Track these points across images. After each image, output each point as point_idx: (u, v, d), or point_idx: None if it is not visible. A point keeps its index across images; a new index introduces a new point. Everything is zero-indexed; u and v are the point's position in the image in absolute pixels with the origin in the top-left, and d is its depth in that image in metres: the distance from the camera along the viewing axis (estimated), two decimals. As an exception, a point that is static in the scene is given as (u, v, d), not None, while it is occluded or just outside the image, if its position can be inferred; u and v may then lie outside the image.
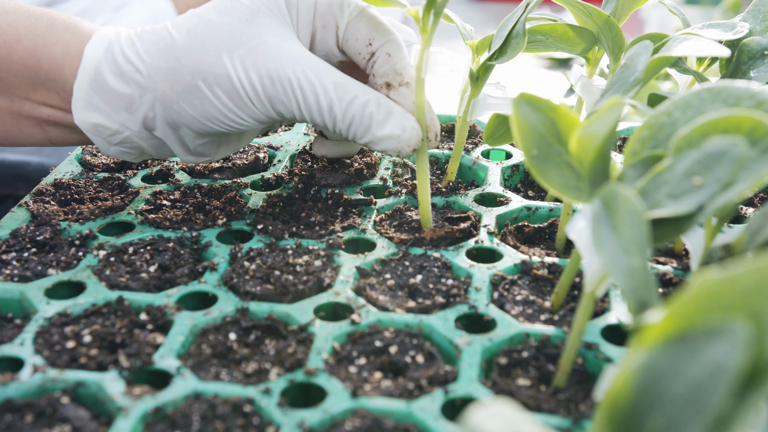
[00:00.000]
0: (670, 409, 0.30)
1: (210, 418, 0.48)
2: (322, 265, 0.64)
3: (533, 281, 0.63)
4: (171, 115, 0.66)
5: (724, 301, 0.31)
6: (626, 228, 0.42)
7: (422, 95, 0.66)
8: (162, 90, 0.65)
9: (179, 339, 0.55)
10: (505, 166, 0.82)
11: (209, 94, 0.64)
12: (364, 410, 0.49)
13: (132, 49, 0.65)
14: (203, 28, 0.65)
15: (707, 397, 0.29)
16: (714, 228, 0.55)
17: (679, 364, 0.31)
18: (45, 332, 0.56)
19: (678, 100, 0.50)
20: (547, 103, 0.51)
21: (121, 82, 0.65)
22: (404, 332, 0.56)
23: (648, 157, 0.49)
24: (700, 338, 0.30)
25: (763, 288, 0.30)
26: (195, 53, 0.64)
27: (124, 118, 0.66)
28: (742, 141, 0.43)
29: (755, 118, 0.44)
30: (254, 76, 0.64)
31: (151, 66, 0.65)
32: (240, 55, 0.64)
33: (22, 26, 0.67)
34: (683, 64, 0.72)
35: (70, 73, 0.66)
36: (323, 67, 0.65)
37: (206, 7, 0.67)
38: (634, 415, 0.31)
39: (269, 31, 0.65)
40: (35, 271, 0.63)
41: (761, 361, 0.29)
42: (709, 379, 0.29)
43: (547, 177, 0.50)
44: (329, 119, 0.65)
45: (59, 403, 0.50)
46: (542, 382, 0.53)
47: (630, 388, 0.31)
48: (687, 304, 0.31)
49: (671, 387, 0.30)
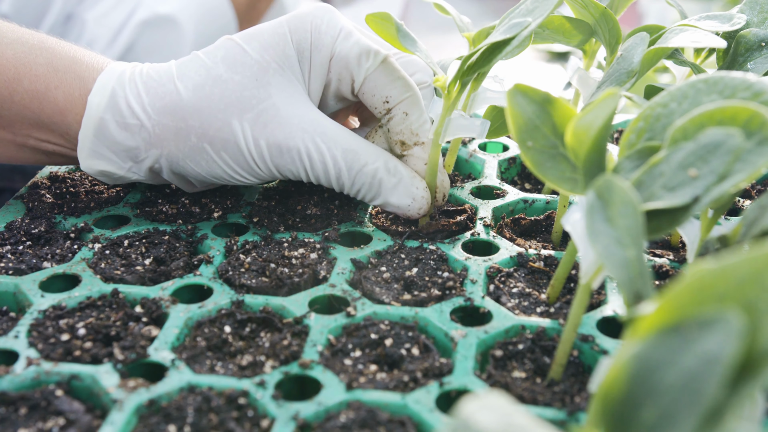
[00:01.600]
0: (664, 400, 0.30)
1: (204, 410, 0.48)
2: (317, 257, 0.64)
3: (529, 273, 0.63)
4: (177, 169, 0.66)
5: (718, 292, 0.30)
6: (621, 219, 0.41)
7: (437, 155, 0.66)
8: (168, 148, 0.64)
9: (174, 332, 0.55)
10: (502, 159, 0.82)
11: (216, 158, 0.64)
12: (359, 402, 0.49)
13: (137, 100, 0.64)
14: (211, 87, 0.63)
15: (701, 387, 0.29)
16: (710, 220, 0.55)
17: (672, 354, 0.30)
18: (39, 325, 0.56)
19: (674, 90, 0.50)
20: (543, 95, 0.50)
21: (127, 134, 0.64)
22: (400, 325, 0.56)
23: (644, 149, 0.49)
24: (694, 329, 0.30)
25: (757, 278, 0.29)
26: (202, 115, 0.63)
27: (130, 166, 0.66)
28: (737, 132, 0.43)
29: (751, 109, 0.43)
30: (263, 143, 0.63)
31: (157, 123, 0.64)
32: (249, 120, 0.63)
33: (21, 64, 0.65)
34: (680, 56, 0.71)
35: (73, 120, 0.65)
36: (333, 134, 0.64)
37: (215, 59, 0.65)
38: (628, 406, 0.31)
39: (279, 92, 0.64)
40: (30, 264, 0.63)
41: (755, 352, 0.29)
42: (702, 369, 0.29)
43: (543, 169, 0.50)
44: (337, 185, 0.65)
45: (53, 395, 0.50)
46: (538, 374, 0.53)
47: (623, 379, 0.31)
48: (681, 295, 0.31)
49: (665, 378, 0.30)
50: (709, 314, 0.30)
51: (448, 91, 0.65)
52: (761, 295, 0.29)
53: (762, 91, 0.46)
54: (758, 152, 0.43)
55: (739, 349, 0.29)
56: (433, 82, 0.65)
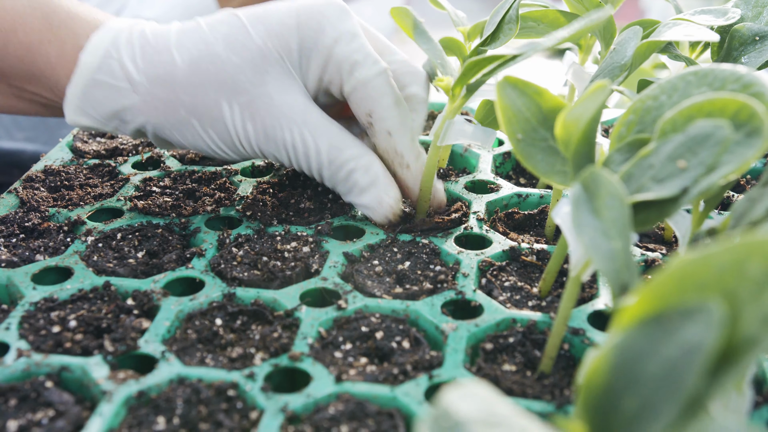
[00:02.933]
0: (645, 390, 0.30)
1: (194, 402, 0.48)
2: (310, 251, 0.64)
3: (522, 267, 0.63)
4: (162, 135, 0.66)
5: (700, 281, 0.30)
6: (607, 211, 0.41)
7: (434, 160, 0.65)
8: (156, 117, 0.64)
9: (165, 324, 0.55)
10: (497, 153, 0.82)
11: (202, 133, 0.64)
12: (348, 395, 0.49)
13: (132, 64, 0.63)
14: (207, 64, 0.63)
15: (681, 377, 0.29)
16: (701, 213, 0.55)
17: (654, 344, 0.30)
18: (31, 317, 0.56)
19: (664, 83, 0.50)
20: (533, 87, 0.50)
21: (116, 97, 0.64)
22: (391, 318, 0.56)
23: (634, 141, 0.49)
24: (675, 318, 0.30)
25: (737, 267, 0.29)
26: (195, 91, 0.63)
27: (115, 125, 0.66)
28: (726, 124, 0.43)
29: (740, 101, 0.43)
30: (250, 128, 0.63)
31: (148, 92, 0.63)
32: (240, 103, 0.63)
33: (18, 15, 0.64)
34: (674, 50, 0.71)
35: (63, 75, 0.64)
36: (321, 127, 0.63)
37: (216, 34, 0.64)
38: (610, 397, 0.31)
39: (275, 80, 0.63)
40: (23, 257, 0.63)
41: (735, 340, 0.29)
42: (683, 359, 0.29)
43: (533, 162, 0.50)
44: (317, 176, 0.66)
45: (43, 387, 0.50)
46: (528, 367, 0.53)
47: (605, 369, 0.31)
48: (662, 285, 0.31)
49: (646, 368, 0.30)
50: (691, 304, 0.30)
51: (452, 94, 0.65)
52: (742, 284, 0.29)
53: (751, 83, 0.46)
54: (747, 144, 0.43)
55: (719, 338, 0.29)
56: (435, 82, 0.65)
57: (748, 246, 0.29)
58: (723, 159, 0.43)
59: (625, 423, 0.30)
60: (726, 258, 0.30)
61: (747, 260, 0.29)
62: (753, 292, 0.29)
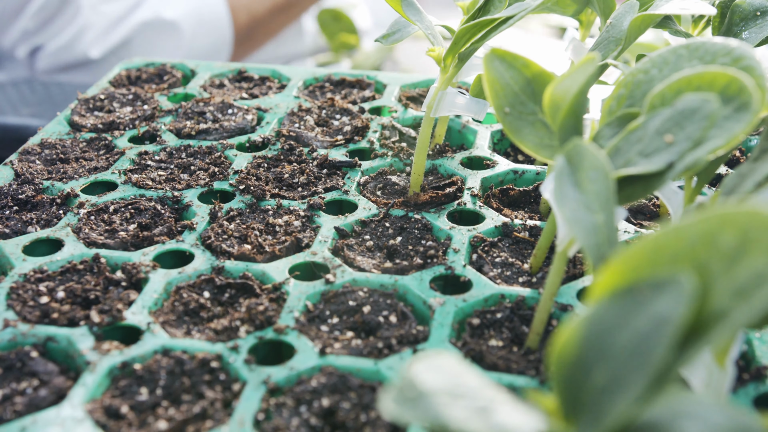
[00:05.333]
0: (614, 363, 0.30)
1: (177, 373, 0.48)
2: (301, 225, 0.63)
3: (514, 244, 0.63)
4: None
5: (672, 253, 0.30)
6: (590, 184, 0.41)
7: (428, 131, 0.65)
8: None
9: (153, 296, 0.55)
10: (495, 130, 0.81)
11: None
12: (332, 368, 0.48)
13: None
14: None
15: (651, 350, 0.29)
16: (694, 189, 0.54)
17: (624, 317, 0.30)
18: (19, 288, 0.56)
19: (655, 56, 0.49)
20: (521, 60, 0.50)
21: None
22: (378, 292, 0.56)
23: (623, 116, 0.48)
24: (646, 291, 0.30)
25: (708, 239, 0.29)
26: None
27: None
28: (714, 98, 0.42)
29: (729, 74, 0.42)
30: None
31: None
32: None
33: None
34: (674, 25, 0.70)
35: None
36: None
37: None
38: (580, 369, 0.31)
39: None
40: (15, 229, 0.63)
41: (705, 313, 0.29)
42: (653, 331, 0.29)
43: (520, 136, 0.50)
44: None
45: (28, 357, 0.50)
46: (515, 343, 0.53)
47: (576, 342, 0.31)
48: (635, 257, 0.31)
49: (616, 340, 0.30)
50: (662, 276, 0.30)
51: (443, 65, 0.64)
52: (713, 256, 0.29)
53: (742, 56, 0.45)
54: (735, 118, 0.42)
55: (689, 311, 0.28)
56: (427, 52, 0.64)
57: (721, 217, 0.29)
58: (710, 134, 0.42)
59: (594, 395, 0.30)
60: (698, 230, 0.29)
61: (719, 232, 0.29)
62: (725, 264, 0.29)
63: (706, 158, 0.42)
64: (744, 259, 0.28)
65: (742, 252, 0.28)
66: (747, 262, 0.28)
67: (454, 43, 0.62)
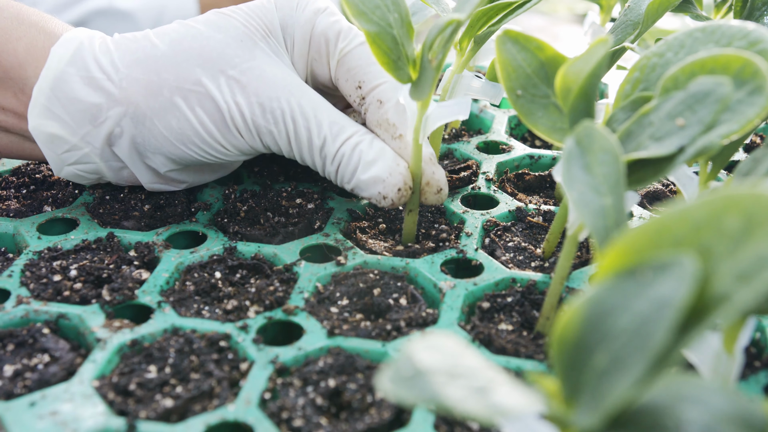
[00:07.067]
0: (616, 345, 0.29)
1: (186, 352, 0.49)
2: (314, 207, 0.63)
3: (527, 228, 0.62)
4: (141, 134, 0.58)
5: (676, 236, 0.30)
6: (599, 167, 0.40)
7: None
8: (135, 104, 0.57)
9: (164, 275, 0.55)
10: (512, 115, 0.81)
11: (189, 115, 0.57)
12: (339, 348, 0.49)
13: (106, 55, 0.58)
14: (190, 41, 0.58)
15: (652, 332, 0.28)
16: (709, 174, 0.53)
17: (626, 299, 0.30)
18: (33, 266, 0.56)
19: (671, 40, 0.48)
20: (535, 42, 0.49)
21: (89, 90, 0.57)
22: (389, 275, 0.56)
23: (637, 99, 0.47)
24: (648, 273, 0.29)
25: (713, 222, 0.29)
26: (178, 67, 0.57)
27: (86, 132, 0.58)
28: (727, 81, 0.41)
29: (743, 57, 0.42)
30: (243, 101, 0.57)
31: (126, 76, 0.57)
32: (230, 77, 0.57)
33: None
34: (695, 10, 0.69)
35: (32, 73, 0.58)
36: (320, 102, 0.58)
37: (196, 20, 0.60)
38: (582, 351, 0.31)
39: (264, 56, 0.59)
40: (31, 208, 0.64)
41: (707, 296, 0.28)
42: (654, 314, 0.28)
43: (533, 118, 0.49)
44: (319, 159, 0.58)
45: (40, 333, 0.50)
46: (525, 327, 0.52)
47: (577, 323, 0.31)
48: (639, 239, 0.30)
49: (617, 322, 0.30)
50: (665, 258, 0.29)
51: (459, 48, 0.64)
52: (718, 239, 0.29)
53: (758, 39, 0.45)
54: (749, 102, 0.42)
55: (691, 294, 0.28)
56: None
57: (726, 200, 0.28)
58: (723, 117, 0.42)
59: (595, 378, 0.30)
60: (703, 212, 0.29)
61: (724, 214, 0.29)
62: (729, 247, 0.28)
63: (718, 143, 0.42)
64: (748, 242, 0.28)
65: (747, 235, 0.28)
66: (751, 245, 0.28)
67: (470, 26, 0.61)
